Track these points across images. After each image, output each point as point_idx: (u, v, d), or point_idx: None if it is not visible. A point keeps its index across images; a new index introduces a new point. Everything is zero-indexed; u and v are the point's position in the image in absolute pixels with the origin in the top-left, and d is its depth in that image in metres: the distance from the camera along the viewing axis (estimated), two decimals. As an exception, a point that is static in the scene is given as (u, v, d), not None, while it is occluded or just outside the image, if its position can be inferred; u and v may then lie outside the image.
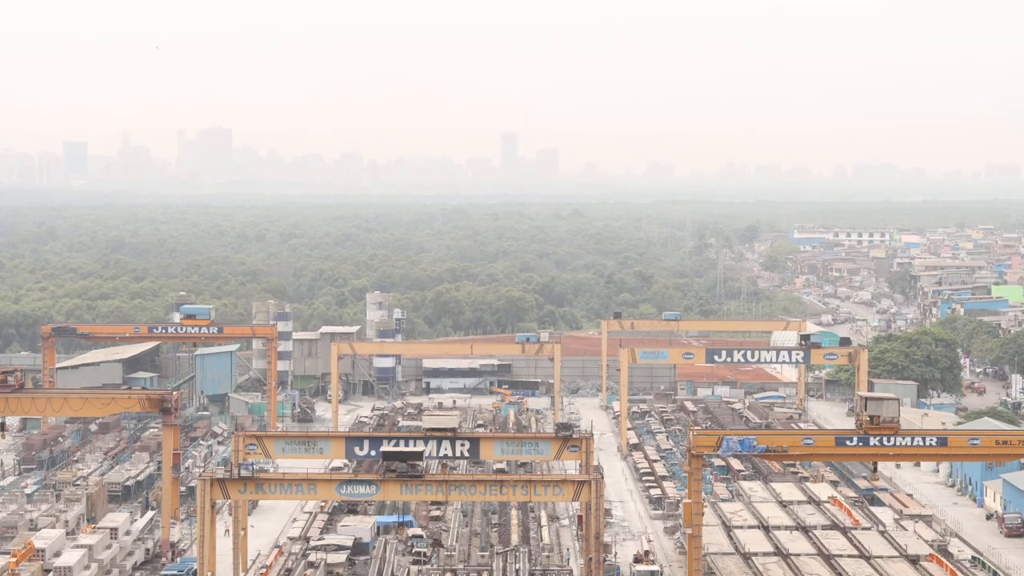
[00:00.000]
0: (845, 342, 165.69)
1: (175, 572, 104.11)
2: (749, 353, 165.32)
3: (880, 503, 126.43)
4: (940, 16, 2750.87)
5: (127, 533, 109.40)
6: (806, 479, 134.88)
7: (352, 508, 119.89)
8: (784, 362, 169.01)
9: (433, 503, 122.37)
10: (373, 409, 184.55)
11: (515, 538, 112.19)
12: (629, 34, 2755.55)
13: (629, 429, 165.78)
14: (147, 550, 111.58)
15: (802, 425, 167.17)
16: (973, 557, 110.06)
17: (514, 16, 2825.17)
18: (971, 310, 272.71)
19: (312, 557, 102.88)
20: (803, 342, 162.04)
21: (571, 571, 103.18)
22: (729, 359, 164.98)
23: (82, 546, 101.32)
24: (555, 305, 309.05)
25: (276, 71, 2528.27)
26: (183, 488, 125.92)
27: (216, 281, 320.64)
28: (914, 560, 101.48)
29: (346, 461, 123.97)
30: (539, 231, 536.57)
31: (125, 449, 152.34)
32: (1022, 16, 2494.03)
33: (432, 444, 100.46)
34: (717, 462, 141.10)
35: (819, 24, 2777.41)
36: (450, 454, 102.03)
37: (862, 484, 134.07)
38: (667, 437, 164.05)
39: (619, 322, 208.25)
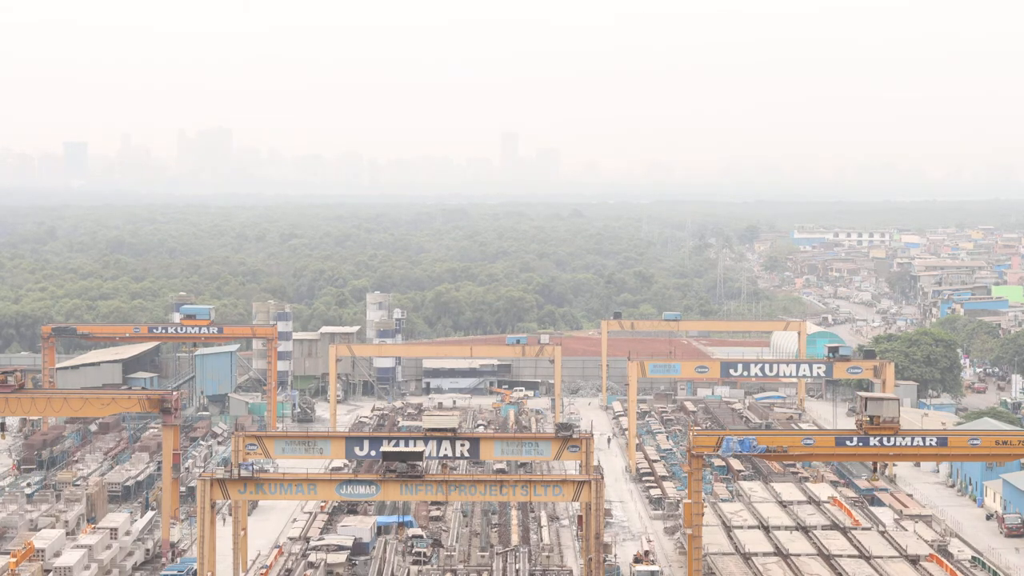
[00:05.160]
0: (869, 355, 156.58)
1: (175, 572, 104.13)
2: (767, 367, 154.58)
3: (880, 503, 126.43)
4: (940, 17, 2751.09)
5: (127, 533, 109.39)
6: (806, 479, 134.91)
7: (352, 508, 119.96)
8: (805, 376, 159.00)
9: (433, 503, 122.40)
10: (373, 409, 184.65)
11: (515, 538, 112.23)
12: (630, 34, 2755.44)
13: (627, 429, 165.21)
14: (147, 550, 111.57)
15: (802, 425, 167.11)
16: (973, 557, 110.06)
17: (514, 15, 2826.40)
18: (971, 310, 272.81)
19: (312, 557, 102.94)
20: (831, 355, 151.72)
21: (570, 571, 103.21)
22: (746, 373, 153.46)
23: (82, 546, 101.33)
24: (555, 305, 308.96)
25: (276, 71, 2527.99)
26: (183, 488, 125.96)
27: (216, 281, 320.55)
28: (914, 560, 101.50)
29: (346, 461, 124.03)
30: (539, 231, 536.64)
31: (125, 449, 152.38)
32: (1022, 16, 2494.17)
33: (432, 444, 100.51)
34: (717, 462, 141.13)
35: (819, 26, 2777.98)
36: (450, 454, 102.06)
37: (862, 484, 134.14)
38: (667, 437, 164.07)
39: (619, 322, 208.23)
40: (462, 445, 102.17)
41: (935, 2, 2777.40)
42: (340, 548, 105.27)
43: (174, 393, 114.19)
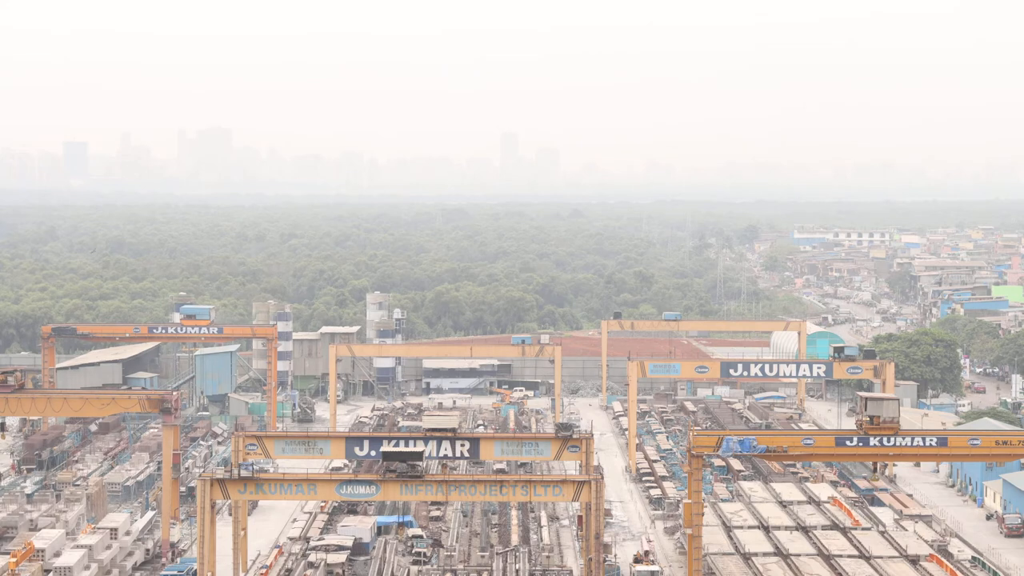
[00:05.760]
0: (869, 355, 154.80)
1: (175, 572, 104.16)
2: (767, 367, 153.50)
3: (880, 503, 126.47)
4: (940, 15, 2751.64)
5: (127, 533, 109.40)
6: (806, 479, 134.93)
7: (352, 508, 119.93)
8: (805, 376, 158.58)
9: (433, 503, 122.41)
10: (373, 409, 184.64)
11: (515, 538, 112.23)
12: (628, 33, 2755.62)
13: (627, 429, 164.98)
14: (147, 550, 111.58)
15: (802, 425, 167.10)
16: (973, 557, 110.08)
17: (514, 14, 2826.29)
18: (971, 310, 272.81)
19: (312, 557, 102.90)
20: (837, 355, 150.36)
21: (570, 571, 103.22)
22: (746, 373, 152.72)
23: (82, 546, 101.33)
24: (555, 305, 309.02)
25: (277, 74, 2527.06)
26: (183, 488, 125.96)
27: (216, 281, 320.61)
28: (914, 560, 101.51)
29: (346, 461, 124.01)
30: (539, 231, 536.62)
31: (125, 449, 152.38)
32: (1020, 21, 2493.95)
33: (432, 444, 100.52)
34: (717, 462, 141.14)
35: (818, 25, 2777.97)
36: (450, 454, 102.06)
37: (862, 484, 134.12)
38: (667, 437, 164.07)
39: (619, 322, 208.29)
40: (462, 445, 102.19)
41: (934, 10, 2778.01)
42: (340, 548, 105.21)
43: (174, 393, 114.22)
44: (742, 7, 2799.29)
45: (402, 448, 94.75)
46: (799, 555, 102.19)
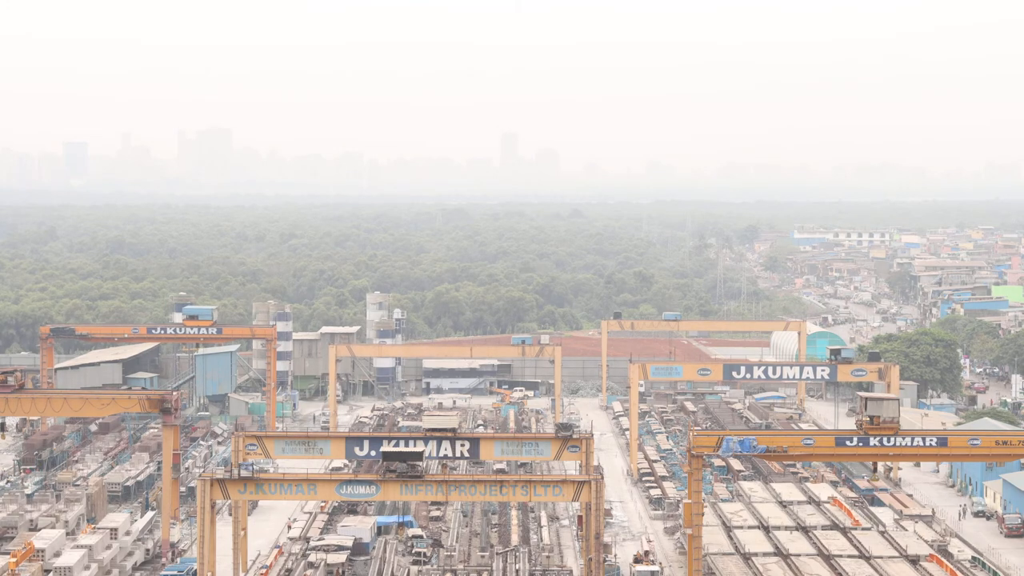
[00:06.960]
0: (874, 357, 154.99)
1: (175, 572, 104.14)
2: (770, 369, 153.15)
3: (880, 503, 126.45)
4: (941, 15, 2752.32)
5: (127, 533, 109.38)
6: (806, 479, 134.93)
7: (352, 508, 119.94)
8: (808, 379, 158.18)
9: (433, 503, 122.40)
10: (373, 409, 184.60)
11: (515, 538, 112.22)
12: (628, 32, 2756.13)
13: (627, 429, 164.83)
14: (147, 550, 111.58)
15: (802, 425, 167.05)
16: (973, 557, 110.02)
17: (515, 15, 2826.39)
18: (971, 310, 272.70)
19: (312, 557, 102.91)
20: (833, 357, 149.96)
21: (570, 571, 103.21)
22: (748, 375, 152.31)
23: (82, 546, 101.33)
24: (555, 305, 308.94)
25: (277, 78, 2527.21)
26: (183, 488, 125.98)
27: (216, 281, 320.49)
28: (914, 560, 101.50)
29: (346, 461, 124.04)
30: (539, 231, 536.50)
31: (125, 449, 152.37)
32: (1023, 14, 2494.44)
33: (432, 444, 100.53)
34: (717, 462, 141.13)
35: (818, 26, 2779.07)
36: (450, 454, 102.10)
37: (862, 484, 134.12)
38: (667, 437, 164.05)
39: (619, 322, 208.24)
40: (462, 445, 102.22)
41: (938, 3, 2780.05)
42: (340, 548, 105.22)
43: (174, 393, 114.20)
44: (746, 23, 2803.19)
45: (402, 448, 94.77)
46: (799, 555, 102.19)
